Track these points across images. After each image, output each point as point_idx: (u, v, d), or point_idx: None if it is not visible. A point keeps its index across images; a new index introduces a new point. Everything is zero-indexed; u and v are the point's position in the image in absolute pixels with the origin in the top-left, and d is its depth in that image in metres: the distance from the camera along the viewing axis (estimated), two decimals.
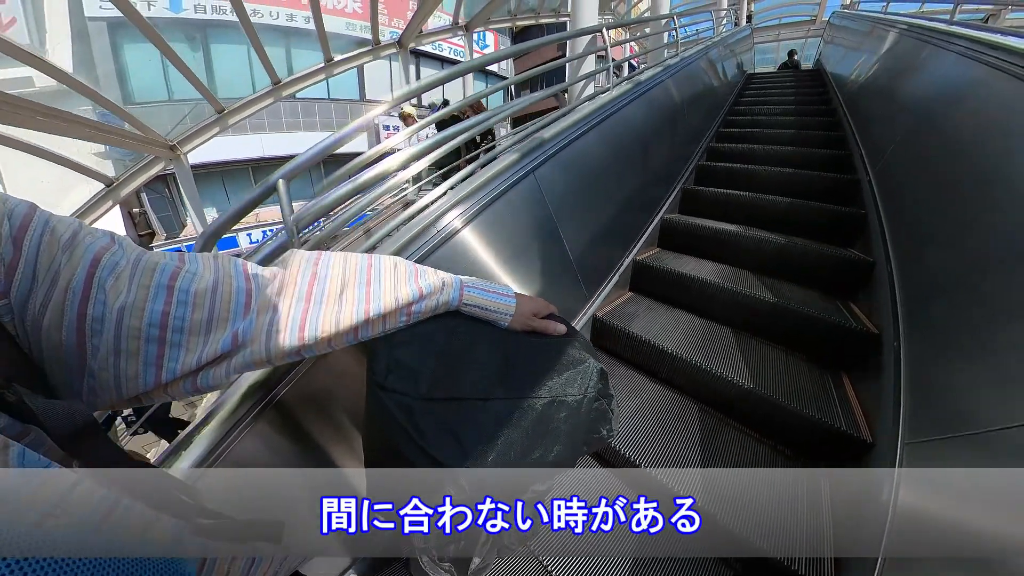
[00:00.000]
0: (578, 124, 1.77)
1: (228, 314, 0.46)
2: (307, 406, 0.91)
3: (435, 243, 1.16)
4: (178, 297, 0.43)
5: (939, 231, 1.26)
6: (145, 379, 0.42)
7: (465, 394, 0.61)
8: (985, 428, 0.74)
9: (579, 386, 0.67)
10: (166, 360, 0.43)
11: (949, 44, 1.78)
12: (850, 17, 4.81)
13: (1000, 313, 0.85)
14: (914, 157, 1.72)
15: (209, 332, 0.45)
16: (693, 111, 3.10)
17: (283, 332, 0.49)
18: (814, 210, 2.09)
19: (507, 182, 1.38)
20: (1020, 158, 1.01)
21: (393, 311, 0.55)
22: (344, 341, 0.53)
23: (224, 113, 4.23)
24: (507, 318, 0.65)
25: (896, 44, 2.74)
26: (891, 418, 1.03)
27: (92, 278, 0.39)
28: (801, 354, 1.52)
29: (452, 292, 0.60)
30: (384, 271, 0.57)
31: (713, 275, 1.82)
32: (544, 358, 0.68)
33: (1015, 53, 1.24)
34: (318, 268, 0.54)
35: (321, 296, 0.52)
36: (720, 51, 4.32)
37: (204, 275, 0.46)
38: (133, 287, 0.41)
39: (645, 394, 1.49)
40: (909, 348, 1.12)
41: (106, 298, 0.39)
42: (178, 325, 0.43)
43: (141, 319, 0.41)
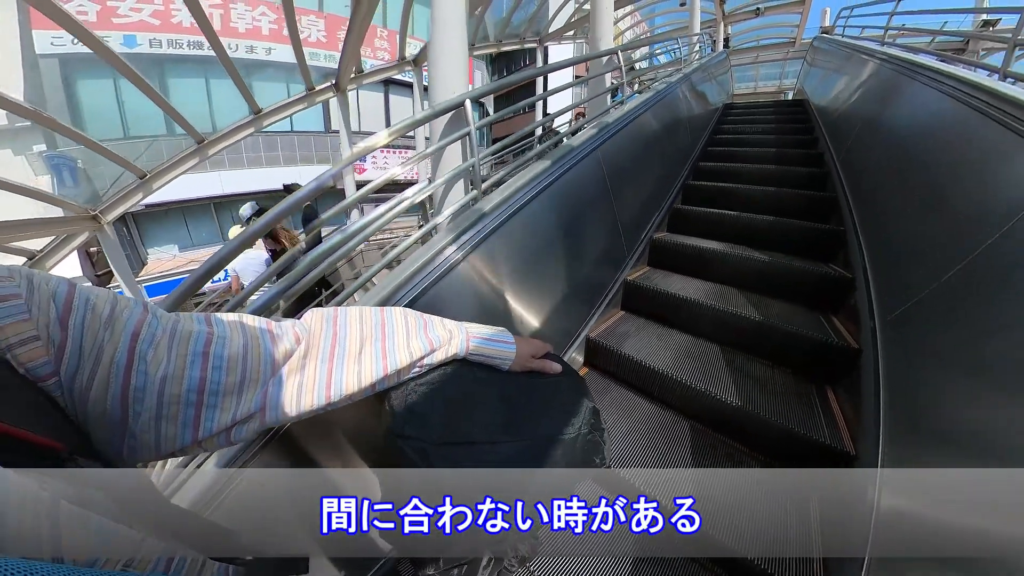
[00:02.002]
0: (575, 152, 1.95)
1: (259, 375, 0.53)
2: (311, 437, 0.98)
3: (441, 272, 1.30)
4: (213, 363, 0.49)
5: (911, 248, 1.42)
6: (183, 438, 0.48)
7: (475, 438, 0.70)
8: (961, 437, 0.85)
9: (574, 425, 0.78)
10: (203, 420, 0.48)
11: (915, 75, 2.01)
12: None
13: (975, 328, 0.96)
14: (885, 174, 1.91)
15: (242, 393, 0.51)
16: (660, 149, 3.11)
17: (311, 393, 0.57)
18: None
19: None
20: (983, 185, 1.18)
21: (407, 366, 0.65)
22: (364, 395, 0.62)
23: (203, 144, 4.22)
24: (508, 363, 0.76)
25: (868, 70, 3.01)
26: (872, 431, 1.14)
27: (134, 352, 0.44)
28: (787, 369, 1.66)
29: (459, 344, 0.71)
30: (396, 326, 0.67)
31: (700, 294, 1.98)
32: (543, 399, 0.79)
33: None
34: (337, 328, 0.62)
35: (343, 355, 0.60)
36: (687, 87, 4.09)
37: (234, 339, 0.52)
38: (172, 357, 0.46)
39: (638, 412, 1.61)
40: (887, 362, 1.25)
41: (147, 368, 0.44)
42: (214, 389, 0.49)
43: (181, 386, 0.46)
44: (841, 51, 4.30)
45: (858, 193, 2.19)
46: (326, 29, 11.30)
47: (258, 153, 11.50)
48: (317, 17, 11.30)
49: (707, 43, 7.20)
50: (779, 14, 10.59)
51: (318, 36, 11.39)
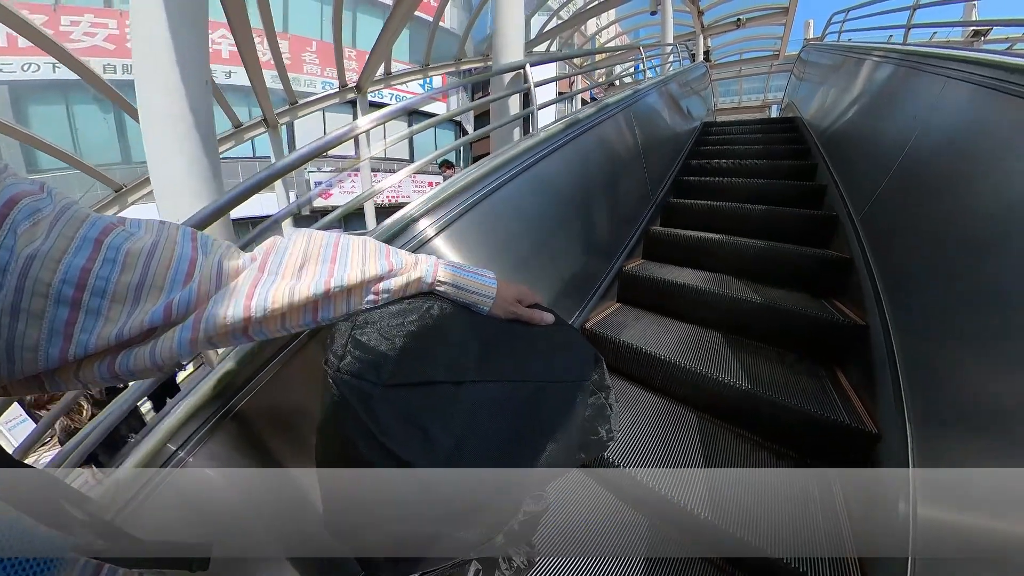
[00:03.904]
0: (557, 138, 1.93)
1: (164, 282, 0.43)
2: (270, 421, 0.88)
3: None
4: (106, 254, 0.40)
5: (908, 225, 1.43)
6: (48, 352, 0.37)
7: (434, 377, 0.57)
8: (990, 410, 0.80)
9: (571, 371, 0.67)
10: (78, 329, 0.38)
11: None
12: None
13: (975, 295, 0.96)
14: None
15: (137, 302, 0.41)
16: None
17: (226, 302, 0.46)
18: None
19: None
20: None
21: (358, 285, 0.54)
22: (301, 321, 0.52)
23: (122, 191, 4.20)
24: (488, 302, 0.64)
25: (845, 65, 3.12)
26: (894, 408, 1.10)
27: (2, 219, 0.35)
28: (793, 352, 1.64)
29: (426, 268, 0.60)
30: (352, 248, 0.57)
31: (698, 281, 1.97)
32: (530, 343, 0.67)
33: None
34: (277, 241, 0.54)
35: (277, 268, 0.51)
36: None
37: (144, 236, 0.43)
38: (52, 236, 0.37)
39: (641, 404, 1.57)
40: (899, 336, 1.23)
41: (15, 244, 0.35)
42: (100, 287, 0.39)
43: (54, 273, 0.37)
44: (850, 57, 3.27)
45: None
46: (290, 51, 11.35)
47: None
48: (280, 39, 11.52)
49: (682, 57, 6.99)
50: (761, 26, 11.19)
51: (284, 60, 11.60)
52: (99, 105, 9.33)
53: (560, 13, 9.63)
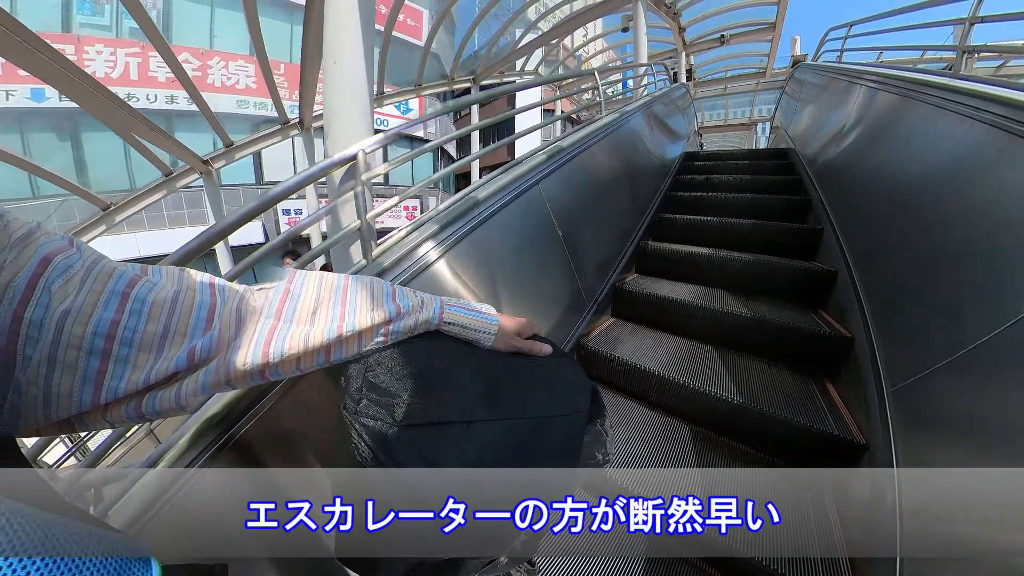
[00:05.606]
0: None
1: (186, 328, 0.48)
2: (272, 447, 0.95)
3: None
4: (132, 306, 0.45)
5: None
6: (80, 398, 0.42)
7: (445, 418, 0.64)
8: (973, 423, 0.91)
9: (569, 403, 0.75)
10: (108, 377, 0.43)
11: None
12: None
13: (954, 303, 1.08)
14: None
15: (162, 349, 0.47)
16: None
17: (246, 348, 0.51)
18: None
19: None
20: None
21: (368, 329, 0.60)
22: (314, 362, 0.57)
23: (110, 210, 4.23)
24: (490, 338, 0.71)
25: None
26: (879, 418, 1.21)
27: (38, 279, 0.39)
28: (783, 365, 1.77)
29: (432, 310, 0.67)
30: (360, 290, 0.63)
31: (690, 296, 2.13)
32: (531, 378, 0.75)
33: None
34: (291, 285, 0.59)
35: (292, 315, 0.56)
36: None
37: (166, 286, 0.49)
38: (83, 292, 0.42)
39: (636, 418, 1.70)
40: (883, 347, 1.35)
41: (50, 301, 0.40)
42: (128, 337, 0.44)
43: (86, 326, 0.41)
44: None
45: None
46: (256, 75, 11.56)
47: (180, 211, 11.50)
48: (246, 62, 11.68)
49: (659, 77, 6.05)
50: (747, 42, 11.50)
51: (247, 83, 11.75)
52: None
53: (539, 25, 9.96)
